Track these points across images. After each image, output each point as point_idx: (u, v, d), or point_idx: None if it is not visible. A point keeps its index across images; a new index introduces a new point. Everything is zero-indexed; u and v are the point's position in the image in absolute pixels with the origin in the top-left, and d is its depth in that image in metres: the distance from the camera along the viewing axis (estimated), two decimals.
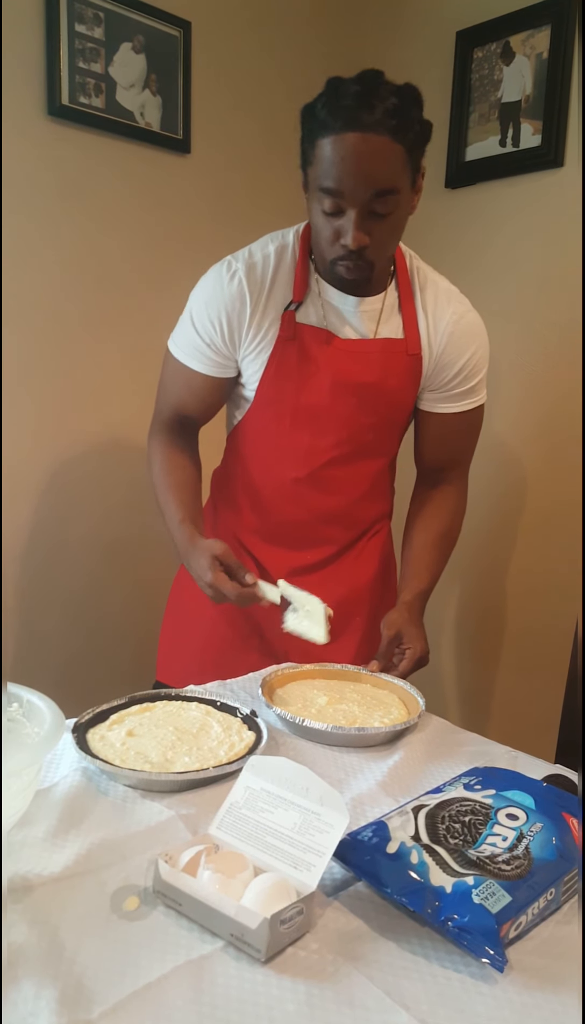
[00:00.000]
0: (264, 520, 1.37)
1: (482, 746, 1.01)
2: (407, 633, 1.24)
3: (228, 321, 1.24)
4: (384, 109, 1.05)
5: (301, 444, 1.30)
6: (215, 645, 1.37)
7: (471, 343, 1.30)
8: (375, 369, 1.26)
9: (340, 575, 1.39)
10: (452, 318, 1.28)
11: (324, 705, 1.06)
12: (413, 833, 0.70)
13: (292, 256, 1.26)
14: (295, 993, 0.58)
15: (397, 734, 1.01)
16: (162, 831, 0.76)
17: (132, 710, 0.98)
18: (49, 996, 0.55)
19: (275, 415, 1.30)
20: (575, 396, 1.89)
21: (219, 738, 0.92)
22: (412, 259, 1.31)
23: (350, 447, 1.31)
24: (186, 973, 0.59)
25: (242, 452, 1.37)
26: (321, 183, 1.10)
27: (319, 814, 0.68)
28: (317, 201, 1.13)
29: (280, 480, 1.34)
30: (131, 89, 1.82)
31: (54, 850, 0.72)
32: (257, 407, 1.31)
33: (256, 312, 1.24)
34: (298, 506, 1.35)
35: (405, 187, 1.12)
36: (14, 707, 0.80)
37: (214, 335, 1.26)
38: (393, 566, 1.49)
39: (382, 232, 1.14)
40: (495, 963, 0.59)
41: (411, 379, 1.30)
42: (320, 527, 1.37)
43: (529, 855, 0.68)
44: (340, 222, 1.12)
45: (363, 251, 1.14)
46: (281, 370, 1.26)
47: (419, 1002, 0.58)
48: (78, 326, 1.83)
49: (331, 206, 1.11)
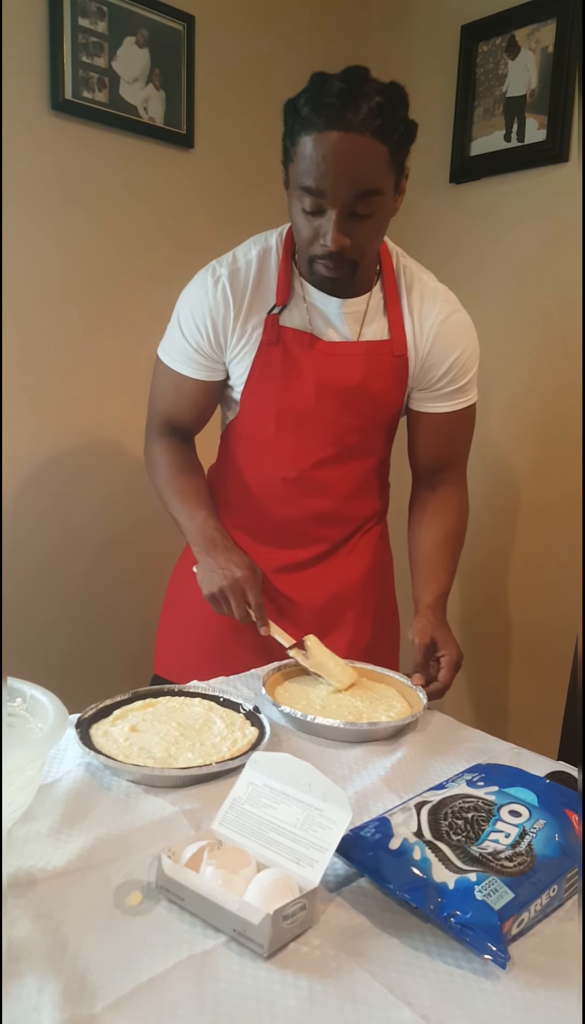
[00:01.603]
0: (256, 519, 1.37)
1: (485, 743, 1.01)
2: (440, 638, 1.19)
3: (214, 325, 1.25)
4: (369, 108, 1.02)
5: (287, 446, 1.30)
6: (213, 639, 1.37)
7: (459, 343, 1.28)
8: (359, 372, 1.25)
9: (332, 572, 1.38)
10: (438, 318, 1.27)
11: (328, 700, 1.06)
12: (416, 829, 0.70)
13: (276, 259, 1.25)
14: (297, 989, 0.58)
15: (402, 728, 1.01)
16: (165, 827, 0.77)
17: (135, 706, 0.98)
18: (52, 990, 0.55)
19: (260, 418, 1.30)
20: (578, 391, 1.89)
21: (222, 734, 0.93)
22: (398, 257, 1.29)
23: (336, 448, 1.30)
24: (189, 968, 0.59)
25: (233, 452, 1.37)
26: (302, 182, 1.08)
27: (322, 810, 0.68)
28: (297, 199, 1.11)
29: (270, 480, 1.33)
30: (134, 84, 1.81)
31: (58, 845, 0.72)
32: (244, 410, 1.32)
33: (240, 316, 1.24)
34: (288, 506, 1.34)
35: (388, 188, 1.10)
36: (17, 702, 0.80)
37: (201, 340, 1.26)
38: (389, 562, 1.48)
39: (363, 233, 1.12)
40: (497, 959, 0.59)
41: (397, 380, 1.29)
42: (311, 526, 1.36)
43: (532, 852, 0.68)
44: (320, 222, 1.11)
45: (343, 252, 1.12)
46: (265, 373, 1.26)
47: (421, 998, 0.58)
48: (79, 321, 1.83)
49: (311, 205, 1.09)
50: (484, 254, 2.07)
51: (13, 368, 1.74)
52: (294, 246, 1.25)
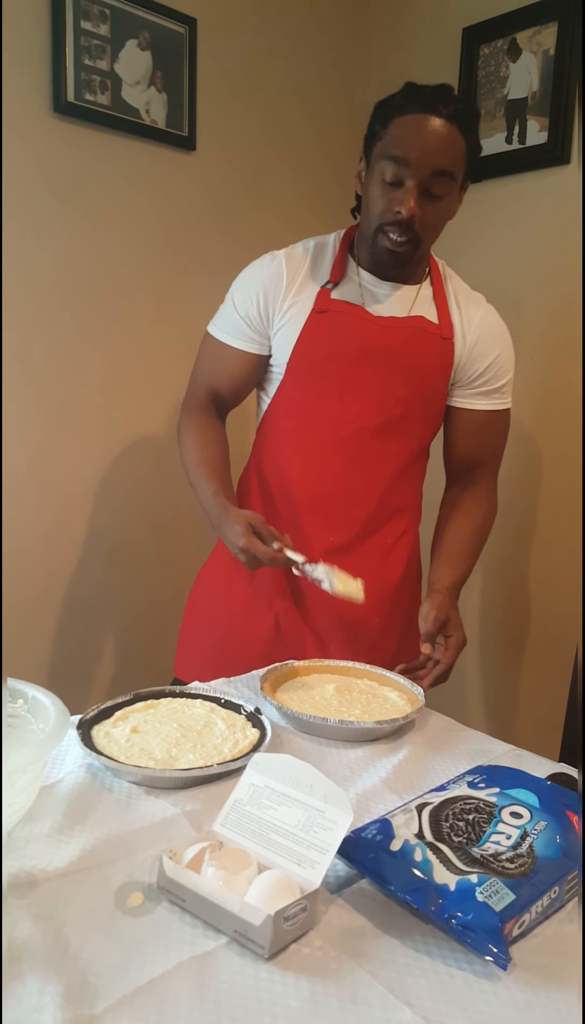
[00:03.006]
0: (291, 499, 1.36)
1: (486, 744, 1.01)
2: (451, 619, 1.25)
3: (265, 295, 1.31)
4: (456, 107, 1.18)
5: (330, 411, 1.31)
6: (233, 643, 1.38)
7: (500, 343, 1.37)
8: (405, 341, 1.30)
9: (364, 568, 1.35)
10: (484, 316, 1.36)
11: (328, 701, 1.06)
12: (417, 831, 0.70)
13: (332, 248, 1.35)
14: (298, 990, 0.58)
15: (403, 729, 1.02)
16: (166, 827, 0.77)
17: (136, 707, 0.98)
18: (53, 991, 0.56)
19: (303, 384, 1.32)
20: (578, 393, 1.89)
21: (223, 735, 0.93)
22: (444, 267, 1.40)
23: (379, 417, 1.31)
24: (190, 969, 0.59)
25: (270, 437, 1.38)
26: (389, 151, 1.19)
27: (323, 811, 0.68)
28: (379, 171, 1.21)
29: (309, 453, 1.34)
30: (137, 86, 1.82)
31: (59, 846, 0.72)
32: (287, 378, 1.33)
33: (292, 289, 1.30)
34: (326, 479, 1.34)
35: (458, 179, 1.22)
36: (19, 703, 0.80)
37: (250, 308, 1.32)
38: (419, 575, 1.48)
39: (431, 212, 1.22)
40: (498, 961, 0.59)
41: (442, 363, 1.33)
42: (349, 506, 1.35)
43: (533, 853, 0.68)
44: (397, 193, 1.20)
45: (412, 222, 1.20)
46: (313, 340, 1.29)
47: (422, 999, 0.58)
48: (81, 323, 1.83)
49: (393, 175, 1.19)
50: (485, 256, 2.07)
51: (13, 368, 1.74)
52: (351, 241, 1.35)
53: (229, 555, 1.29)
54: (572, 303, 1.90)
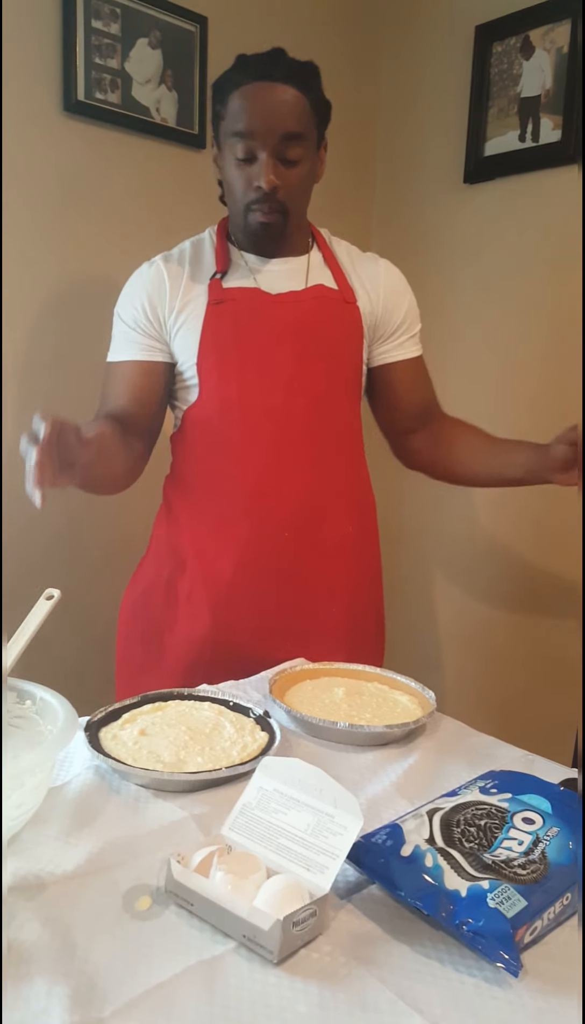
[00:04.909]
0: (221, 498, 1.30)
1: (498, 749, 1.00)
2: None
3: (150, 300, 1.28)
4: (287, 64, 1.17)
5: (254, 400, 1.26)
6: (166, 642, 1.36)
7: (406, 291, 1.38)
8: (310, 313, 1.28)
9: (313, 562, 1.33)
10: (385, 269, 1.36)
11: (338, 704, 1.06)
12: (428, 836, 0.70)
13: (210, 242, 1.33)
14: (307, 995, 0.58)
15: (414, 733, 1.01)
16: (174, 831, 0.76)
17: (145, 709, 0.98)
18: (61, 994, 0.55)
19: (219, 378, 1.26)
20: None
21: (232, 738, 0.92)
22: (329, 235, 1.37)
23: (305, 399, 1.27)
24: (198, 973, 0.59)
25: (191, 441, 1.32)
26: (234, 128, 1.17)
27: (333, 816, 0.68)
28: (230, 150, 1.20)
29: (237, 446, 1.28)
30: (147, 85, 1.81)
31: (67, 848, 0.72)
32: (202, 378, 1.27)
33: (178, 291, 1.27)
34: (260, 470, 1.28)
35: (311, 139, 1.20)
36: (27, 704, 0.80)
37: (138, 317, 1.28)
38: (378, 571, 1.46)
39: (292, 178, 1.20)
40: (510, 967, 0.59)
41: (353, 330, 1.31)
42: (283, 495, 1.29)
43: (545, 859, 0.67)
44: (252, 168, 1.18)
45: (275, 193, 1.19)
46: (217, 332, 1.26)
47: (432, 1006, 0.57)
48: (89, 322, 1.83)
49: (244, 151, 1.18)
50: (497, 254, 2.06)
51: (14, 369, 1.74)
52: (226, 230, 1.32)
53: (149, 574, 1.36)
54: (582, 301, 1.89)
